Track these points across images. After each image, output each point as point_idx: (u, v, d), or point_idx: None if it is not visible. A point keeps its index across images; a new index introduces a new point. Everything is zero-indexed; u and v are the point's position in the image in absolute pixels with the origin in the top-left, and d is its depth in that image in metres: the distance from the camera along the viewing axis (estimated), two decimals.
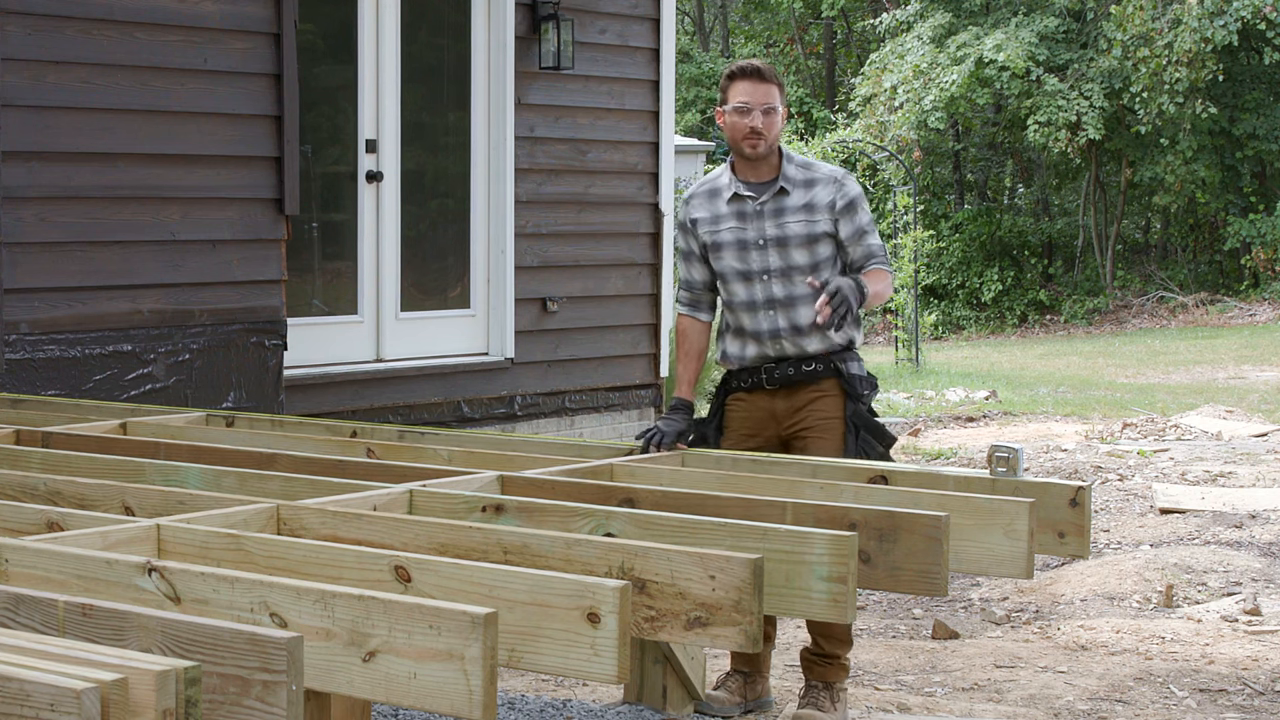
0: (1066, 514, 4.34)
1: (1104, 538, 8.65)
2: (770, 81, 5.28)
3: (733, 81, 5.31)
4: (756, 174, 5.35)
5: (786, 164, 5.35)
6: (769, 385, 5.34)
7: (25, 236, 7.08)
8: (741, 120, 5.26)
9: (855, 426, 5.24)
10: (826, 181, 5.33)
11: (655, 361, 9.98)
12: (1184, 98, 25.09)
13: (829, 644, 5.34)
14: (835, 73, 35.46)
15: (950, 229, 28.43)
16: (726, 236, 5.34)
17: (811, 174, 5.35)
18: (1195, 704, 5.72)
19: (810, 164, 5.39)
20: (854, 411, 5.26)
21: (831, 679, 5.35)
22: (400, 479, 4.49)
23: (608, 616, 3.06)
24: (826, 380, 5.30)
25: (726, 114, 5.30)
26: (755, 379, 5.36)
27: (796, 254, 5.28)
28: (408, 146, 8.85)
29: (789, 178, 5.33)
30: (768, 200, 5.31)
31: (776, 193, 5.31)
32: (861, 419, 5.25)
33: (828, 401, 5.30)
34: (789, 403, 5.34)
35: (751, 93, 5.25)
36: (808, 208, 5.29)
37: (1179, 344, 21.57)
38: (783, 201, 5.31)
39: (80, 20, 7.22)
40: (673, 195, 10.23)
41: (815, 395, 5.31)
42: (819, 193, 5.30)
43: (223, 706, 2.69)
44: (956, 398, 15.39)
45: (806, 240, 5.27)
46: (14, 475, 4.49)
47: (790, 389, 5.33)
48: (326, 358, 8.47)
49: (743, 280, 5.33)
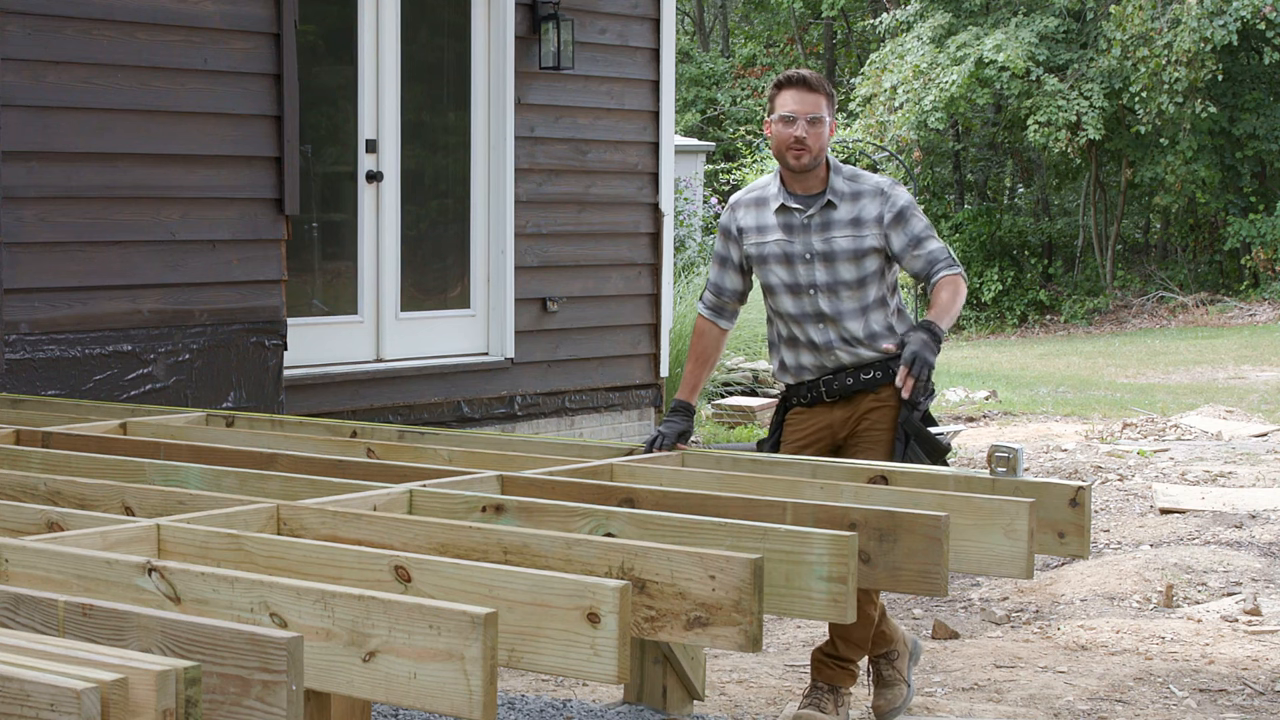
0: (1066, 514, 4.34)
1: (1104, 538, 8.65)
2: (818, 91, 5.16)
3: (779, 91, 5.19)
4: (804, 186, 5.24)
5: (834, 176, 5.25)
6: (829, 398, 5.26)
7: (25, 236, 7.08)
8: (786, 130, 5.14)
9: (906, 435, 5.13)
10: (873, 194, 5.21)
11: (655, 361, 9.98)
12: (1184, 98, 25.09)
13: (845, 647, 5.30)
14: (835, 73, 35.46)
15: (950, 229, 28.42)
16: (773, 249, 5.25)
17: (858, 186, 5.24)
18: (1195, 704, 5.72)
19: (858, 175, 5.29)
20: (905, 419, 5.12)
21: (839, 683, 5.33)
22: (400, 479, 4.49)
23: (608, 616, 3.06)
24: (885, 389, 5.21)
25: (773, 124, 5.18)
26: (815, 393, 5.28)
27: (843, 269, 5.18)
28: (408, 146, 8.85)
29: (836, 190, 5.22)
30: (815, 214, 5.21)
31: (824, 206, 5.21)
32: (912, 426, 5.11)
33: (884, 411, 5.21)
34: (846, 411, 5.26)
35: (798, 102, 5.14)
36: (855, 222, 5.19)
37: (1179, 344, 21.57)
38: (830, 215, 5.20)
39: (80, 20, 7.22)
40: (673, 195, 10.23)
41: (873, 405, 5.23)
42: (866, 206, 5.20)
43: (223, 706, 2.69)
44: (956, 398, 15.38)
45: (853, 255, 5.18)
46: (14, 475, 4.48)
47: (848, 398, 5.26)
48: (326, 358, 8.47)
49: (790, 293, 5.24)
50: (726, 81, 34.48)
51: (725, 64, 35.42)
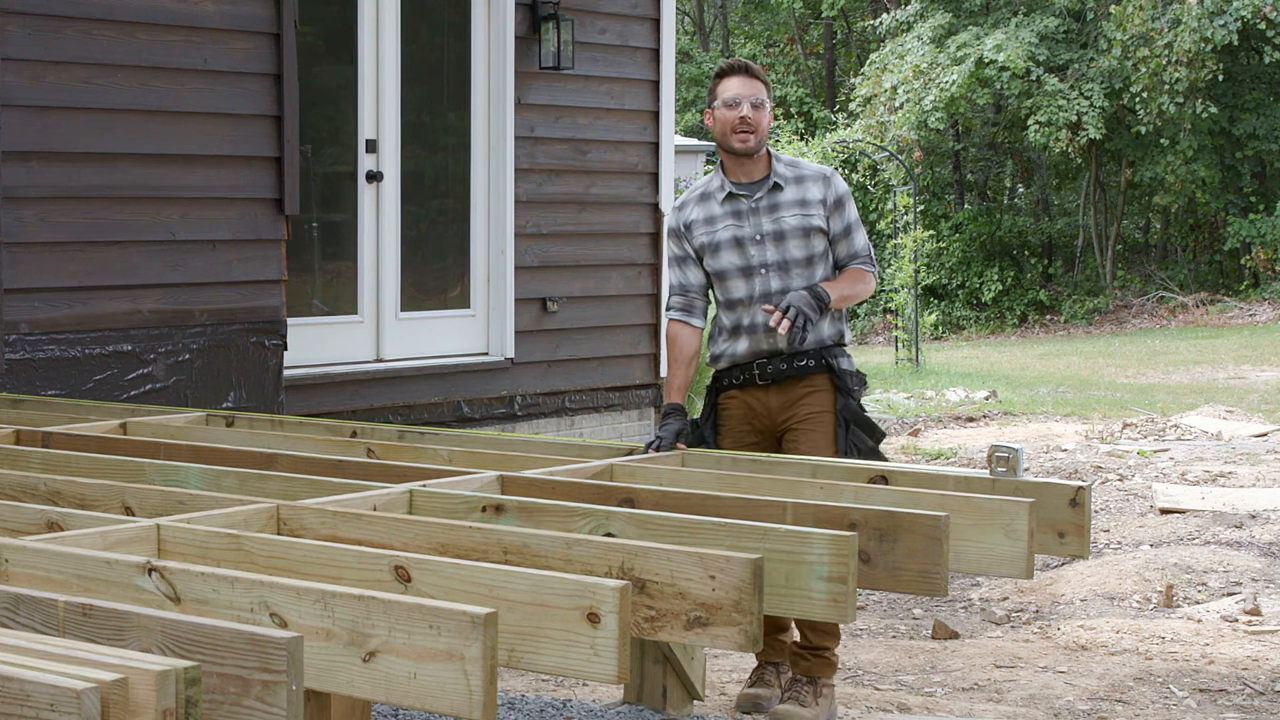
0: (1066, 514, 4.34)
1: (1104, 538, 8.65)
2: (758, 79, 5.38)
3: (720, 79, 5.41)
4: (748, 173, 5.41)
5: (776, 162, 5.44)
6: (761, 381, 5.37)
7: (25, 236, 7.08)
8: (730, 113, 5.33)
9: (845, 421, 5.30)
10: (816, 178, 5.42)
11: (655, 361, 9.98)
12: (1184, 98, 25.09)
13: (816, 636, 5.32)
14: (835, 73, 35.46)
15: (950, 229, 28.43)
16: (724, 235, 5.38)
17: (800, 171, 5.44)
18: (1195, 704, 5.72)
19: (797, 162, 5.48)
20: (844, 406, 5.31)
21: (817, 674, 5.33)
22: (400, 479, 4.49)
23: (608, 616, 3.06)
24: (818, 375, 5.35)
25: (715, 110, 5.38)
26: (747, 375, 5.39)
27: (793, 247, 5.33)
28: (408, 146, 8.85)
29: (780, 174, 5.41)
30: (762, 196, 5.38)
31: (770, 189, 5.38)
32: (851, 413, 5.30)
33: (819, 396, 5.35)
34: (781, 398, 5.37)
35: (740, 86, 5.34)
36: (802, 203, 5.36)
37: (1179, 344, 21.57)
38: (777, 197, 5.38)
39: (80, 20, 7.22)
40: (673, 195, 10.23)
41: (807, 390, 5.35)
42: (810, 189, 5.39)
43: (223, 706, 2.69)
44: (956, 398, 15.38)
45: (802, 233, 5.34)
46: (14, 475, 4.48)
47: (782, 385, 5.37)
48: (326, 358, 8.47)
49: (743, 276, 5.36)
50: None
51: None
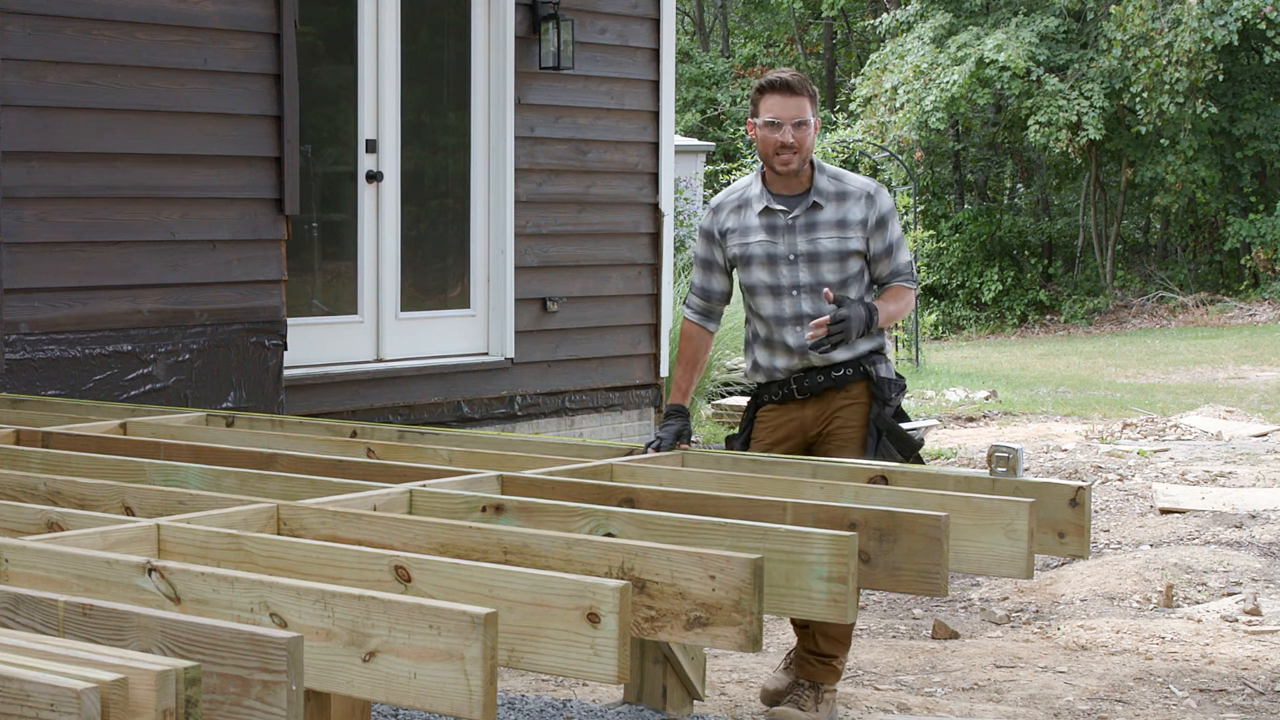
0: (1066, 514, 4.34)
1: (1104, 538, 8.64)
2: (801, 94, 5.15)
3: (763, 95, 5.19)
4: (788, 186, 5.24)
5: (818, 175, 5.24)
6: (800, 395, 5.28)
7: (25, 236, 7.08)
8: (772, 135, 5.14)
9: (878, 431, 5.18)
10: (859, 196, 5.22)
11: (655, 361, 9.98)
12: (1184, 98, 25.09)
13: (827, 643, 5.29)
14: (835, 73, 35.46)
15: (950, 229, 28.43)
16: (756, 250, 5.24)
17: (844, 186, 5.24)
18: (1195, 704, 5.72)
19: (841, 175, 5.29)
20: (878, 415, 5.18)
21: (820, 679, 5.31)
22: (400, 479, 4.49)
23: (608, 616, 3.06)
24: (855, 385, 5.24)
25: (758, 127, 5.19)
26: (786, 390, 5.29)
27: (827, 270, 5.19)
28: (408, 146, 8.85)
29: (821, 191, 5.22)
30: (799, 215, 5.21)
31: (809, 207, 5.21)
32: (884, 423, 5.17)
33: (854, 410, 5.24)
34: (818, 409, 5.29)
35: (782, 107, 5.14)
36: (841, 224, 5.20)
37: (1179, 344, 21.57)
38: (815, 216, 5.21)
39: (80, 20, 7.22)
40: (673, 195, 10.23)
41: (844, 401, 5.25)
42: (851, 208, 5.21)
43: (223, 706, 2.69)
44: (956, 398, 15.38)
45: (838, 257, 5.19)
46: (14, 475, 4.48)
47: (819, 396, 5.28)
48: (326, 358, 8.47)
49: (772, 294, 5.24)
50: (726, 81, 34.48)
51: (725, 64, 35.41)
